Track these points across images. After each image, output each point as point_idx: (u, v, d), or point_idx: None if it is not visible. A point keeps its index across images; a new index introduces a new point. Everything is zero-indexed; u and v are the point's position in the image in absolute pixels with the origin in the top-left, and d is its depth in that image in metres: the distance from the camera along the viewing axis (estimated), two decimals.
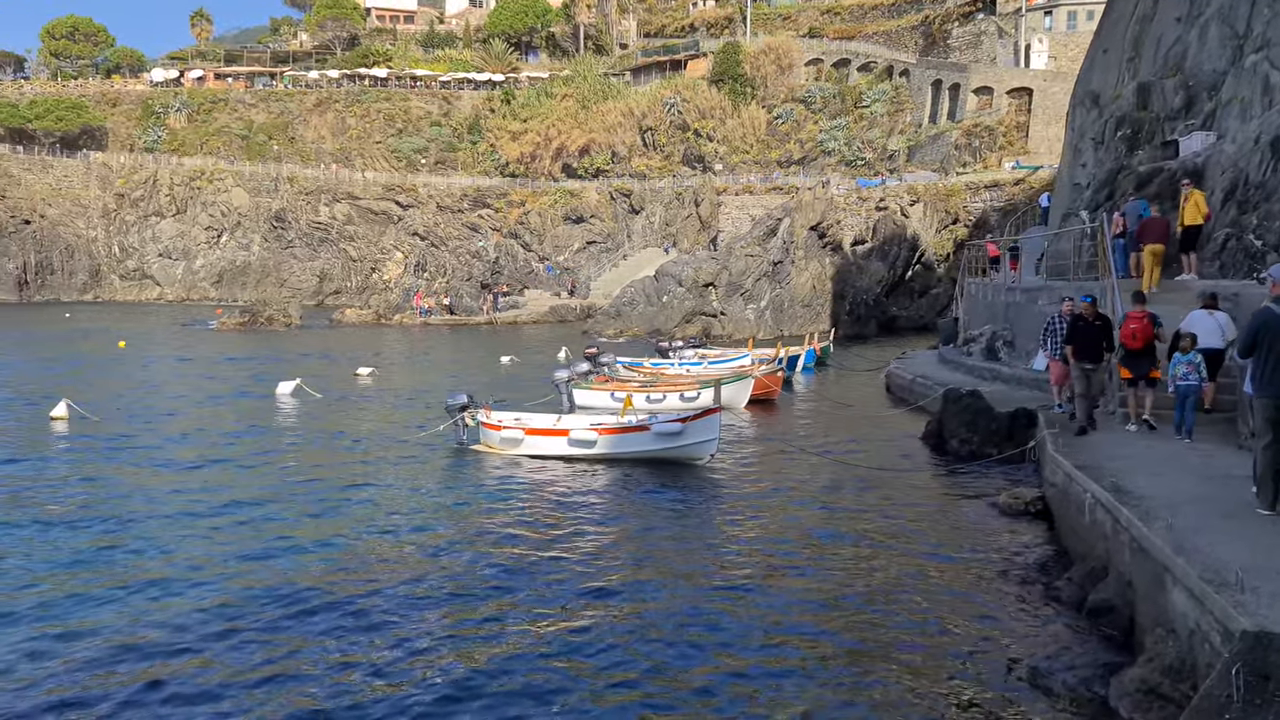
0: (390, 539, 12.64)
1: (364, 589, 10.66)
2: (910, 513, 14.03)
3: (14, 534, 12.62)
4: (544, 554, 12.02)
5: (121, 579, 10.93)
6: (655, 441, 16.76)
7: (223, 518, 13.50)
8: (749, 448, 19.38)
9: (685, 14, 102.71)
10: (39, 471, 16.33)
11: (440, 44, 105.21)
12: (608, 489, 15.52)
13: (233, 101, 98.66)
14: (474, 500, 14.73)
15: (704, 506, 14.49)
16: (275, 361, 35.75)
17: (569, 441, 16.94)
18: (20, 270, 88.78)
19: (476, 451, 17.91)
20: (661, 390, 24.04)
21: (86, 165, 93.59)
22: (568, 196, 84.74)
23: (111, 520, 13.28)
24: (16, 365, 33.39)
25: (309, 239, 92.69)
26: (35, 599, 10.23)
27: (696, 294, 48.25)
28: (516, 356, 36.64)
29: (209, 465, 16.91)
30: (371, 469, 16.76)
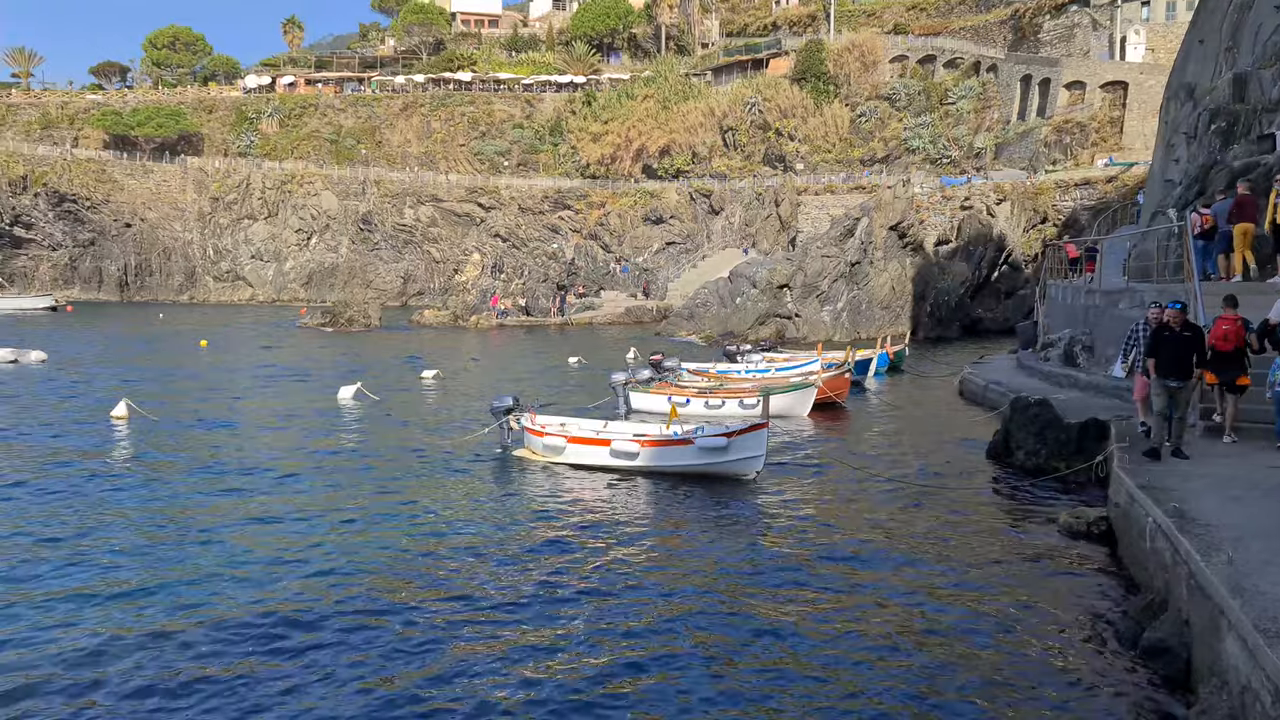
0: (414, 547, 12.35)
1: (393, 597, 10.38)
2: (964, 533, 13.22)
3: (53, 534, 12.67)
4: (570, 572, 11.59)
5: (160, 579, 10.88)
6: (698, 456, 16.17)
7: (252, 525, 13.38)
8: (803, 459, 18.64)
9: (768, 12, 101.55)
10: (89, 473, 16.50)
11: (524, 47, 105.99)
12: (645, 503, 15.00)
13: (322, 106, 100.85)
14: (509, 510, 14.37)
15: (745, 527, 13.83)
16: (346, 362, 36.13)
17: (610, 452, 16.46)
18: (121, 271, 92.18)
19: (519, 457, 17.55)
20: (721, 396, 23.44)
21: (184, 170, 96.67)
22: (647, 197, 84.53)
23: (154, 521, 13.27)
24: (96, 364, 34.31)
25: (394, 241, 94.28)
26: (74, 600, 10.18)
27: (771, 295, 47.39)
28: (584, 358, 36.37)
29: (255, 470, 16.90)
30: (412, 474, 16.55)
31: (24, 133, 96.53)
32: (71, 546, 12.31)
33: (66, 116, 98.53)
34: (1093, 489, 15.13)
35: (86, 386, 27.60)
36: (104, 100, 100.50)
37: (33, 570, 11.35)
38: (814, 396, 23.59)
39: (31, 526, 13.14)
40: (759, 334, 45.88)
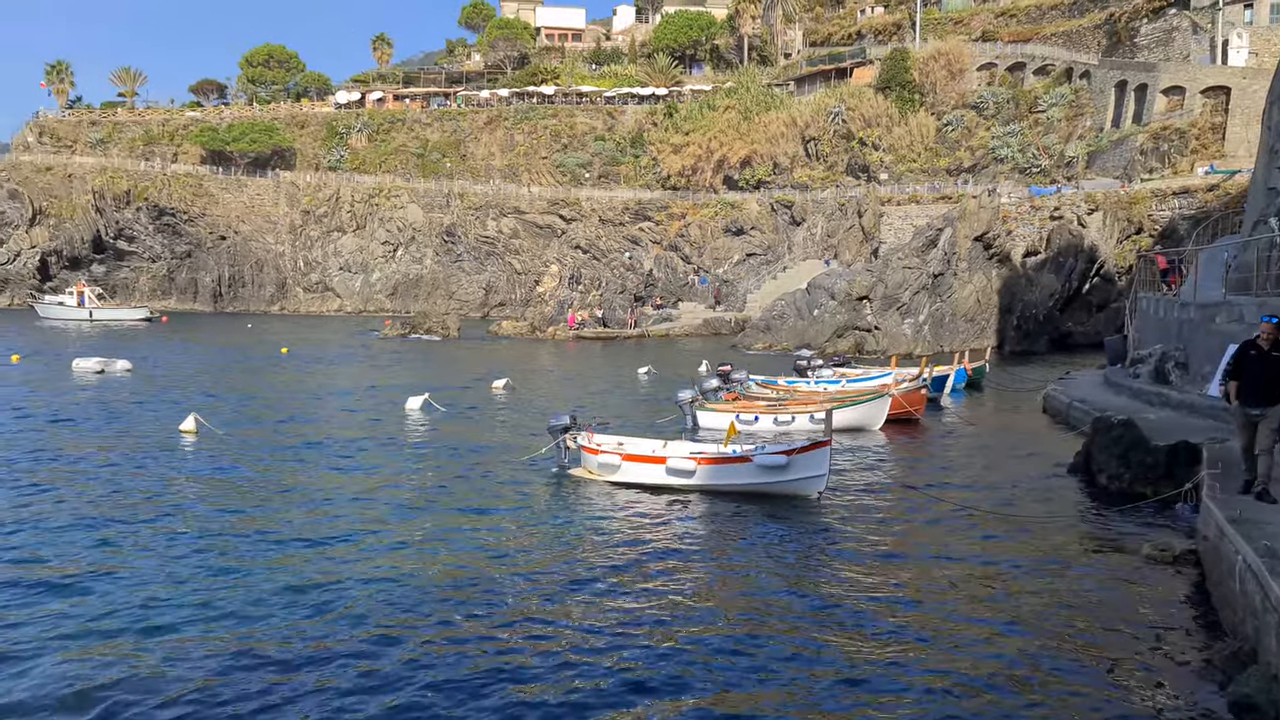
0: (460, 568, 12.03)
1: (436, 620, 10.07)
2: (1038, 563, 12.40)
3: (118, 545, 12.70)
4: (616, 596, 11.14)
5: (215, 594, 10.76)
6: (757, 475, 15.57)
7: (303, 541, 13.23)
8: (871, 479, 17.89)
9: (852, 21, 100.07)
10: (154, 487, 16.63)
11: (606, 60, 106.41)
12: (700, 524, 14.47)
13: (409, 121, 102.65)
14: (558, 531, 13.98)
15: (805, 551, 13.18)
16: (419, 373, 36.35)
17: (666, 470, 15.95)
18: (215, 283, 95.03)
19: (576, 476, 17.16)
20: (790, 411, 22.79)
21: (276, 184, 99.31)
22: (728, 208, 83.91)
23: (211, 534, 13.23)
24: (177, 374, 35.09)
25: (476, 252, 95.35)
26: (135, 611, 10.11)
27: (849, 307, 46.38)
28: (654, 370, 35.95)
29: (312, 485, 16.86)
30: (468, 491, 16.30)
31: (128, 149, 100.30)
32: (127, 558, 12.29)
33: (167, 133, 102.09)
34: (1182, 517, 14.12)
35: (162, 397, 28.16)
36: (202, 117, 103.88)
37: (90, 585, 11.33)
38: (887, 409, 22.77)
39: (84, 537, 13.19)
40: (837, 347, 44.94)
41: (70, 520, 13.96)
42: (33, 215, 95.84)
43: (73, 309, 75.55)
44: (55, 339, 53.35)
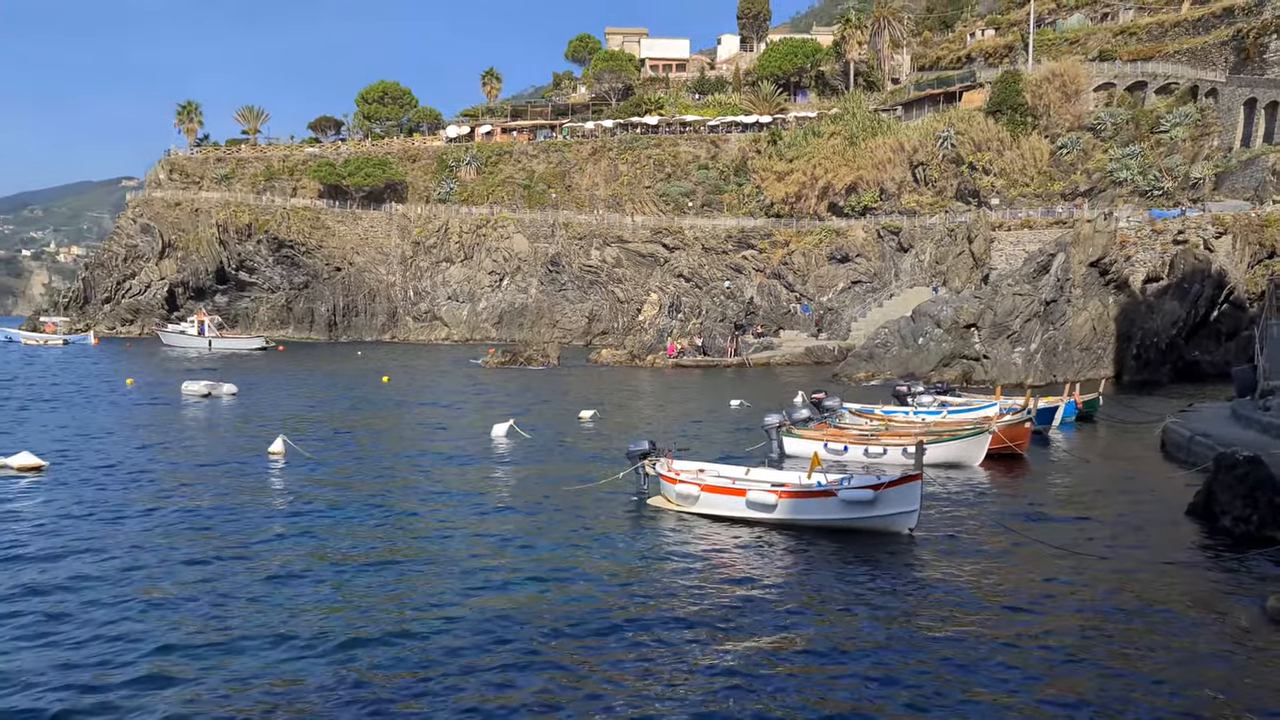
0: (527, 600, 11.61)
1: (503, 651, 9.67)
2: (1152, 613, 11.31)
3: (202, 565, 12.71)
4: (680, 639, 10.54)
5: (295, 611, 10.60)
6: (841, 510, 14.74)
7: (375, 567, 13.02)
8: (968, 517, 16.81)
9: (962, 45, 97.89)
10: (234, 508, 16.73)
11: (710, 89, 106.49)
12: (779, 563, 13.70)
13: (516, 153, 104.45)
14: (628, 564, 13.43)
15: (892, 597, 12.31)
16: (513, 400, 36.37)
17: (746, 502, 15.24)
18: (330, 312, 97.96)
19: (654, 506, 16.59)
20: (883, 442, 21.79)
21: (389, 216, 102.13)
22: (833, 235, 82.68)
23: (290, 553, 13.14)
24: (280, 399, 35.87)
25: (580, 281, 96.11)
26: (233, 633, 10.03)
27: (956, 336, 44.77)
28: (747, 400, 35.18)
29: (391, 511, 16.72)
30: (543, 520, 15.89)
31: (250, 184, 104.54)
32: (200, 577, 12.26)
33: (287, 169, 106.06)
34: None
35: (261, 419, 28.71)
36: (320, 153, 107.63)
37: (174, 604, 11.30)
38: (987, 444, 21.58)
39: (160, 559, 13.23)
40: (943, 376, 43.35)
41: (137, 537, 14.06)
42: (162, 248, 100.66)
43: (193, 337, 78.75)
44: (173, 364, 55.49)
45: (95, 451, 22.26)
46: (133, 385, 39.09)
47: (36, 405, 32.51)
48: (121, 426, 27.02)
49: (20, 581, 12.10)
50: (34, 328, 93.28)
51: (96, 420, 28.34)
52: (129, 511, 16.01)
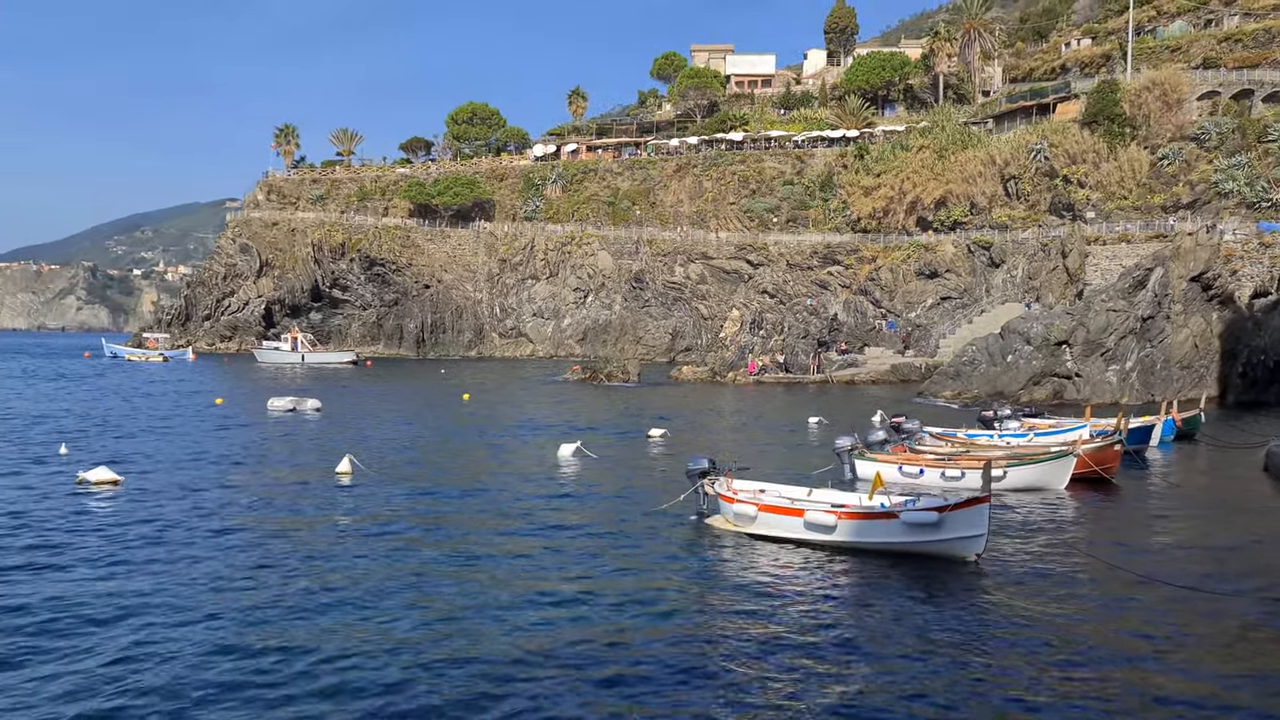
0: (575, 625, 11.32)
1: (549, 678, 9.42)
2: (1245, 661, 10.44)
3: (246, 590, 12.77)
4: (726, 667, 10.11)
5: (343, 640, 10.53)
6: (903, 532, 14.09)
7: (431, 589, 12.89)
8: (1043, 542, 15.95)
9: (1056, 55, 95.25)
10: (298, 529, 16.84)
11: (796, 104, 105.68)
12: (836, 587, 13.12)
13: (601, 171, 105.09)
14: (682, 586, 13.03)
15: (958, 625, 11.68)
16: (588, 417, 36.25)
17: (805, 523, 14.70)
18: (419, 329, 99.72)
19: (712, 526, 16.15)
20: (960, 466, 20.94)
21: (476, 235, 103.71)
22: (921, 250, 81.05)
23: (341, 574, 13.13)
24: (359, 415, 36.38)
25: (664, 298, 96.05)
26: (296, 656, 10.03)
27: (1047, 353, 43.23)
28: (825, 418, 34.41)
29: (449, 531, 16.64)
30: (600, 541, 15.59)
31: (344, 204, 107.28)
32: (253, 605, 12.29)
33: (379, 189, 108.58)
34: None
35: (337, 436, 29.09)
36: (410, 173, 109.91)
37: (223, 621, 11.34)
38: (1072, 468, 20.57)
39: (214, 575, 13.32)
40: (1033, 395, 41.96)
41: (194, 553, 14.20)
42: (260, 267, 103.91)
43: (287, 353, 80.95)
44: (266, 380, 56.96)
45: (172, 467, 22.75)
46: (222, 404, 40.06)
47: (125, 420, 33.54)
48: (202, 442, 27.65)
49: (71, 591, 12.28)
50: (138, 344, 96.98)
51: (179, 436, 29.07)
52: (191, 528, 16.23)
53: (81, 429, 30.23)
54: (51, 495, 18.83)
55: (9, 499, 18.37)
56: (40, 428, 30.43)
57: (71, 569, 13.43)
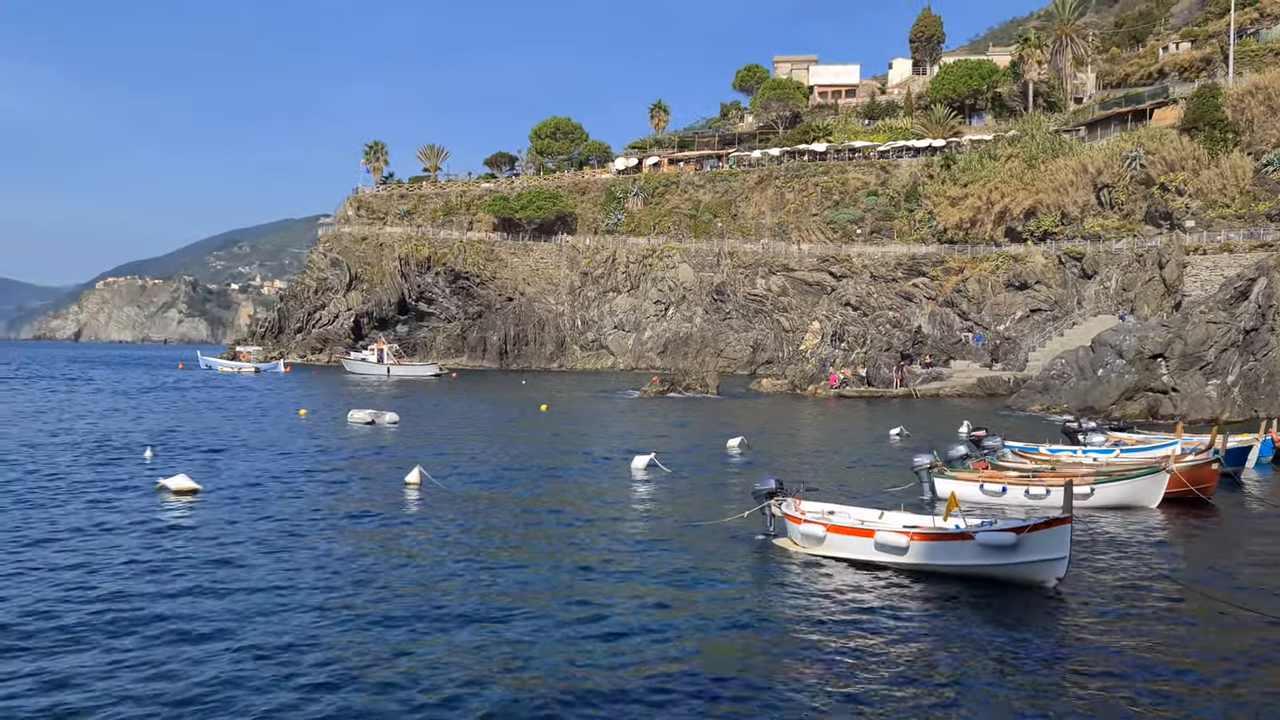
0: (633, 641, 11.11)
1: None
2: None
3: (309, 605, 12.87)
4: (784, 696, 9.78)
5: (409, 651, 10.55)
6: (979, 555, 13.50)
7: (493, 602, 12.81)
8: (1130, 568, 15.15)
9: (1153, 60, 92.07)
10: (365, 542, 16.96)
11: (880, 114, 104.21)
12: (905, 613, 12.61)
13: (683, 184, 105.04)
14: (747, 608, 12.70)
15: (1038, 653, 11.12)
16: (664, 430, 36.03)
17: (875, 544, 14.21)
18: (502, 341, 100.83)
19: (780, 547, 15.75)
20: (1044, 483, 20.15)
21: (558, 248, 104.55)
22: (1010, 262, 79.10)
23: (404, 585, 13.15)
24: (438, 427, 36.76)
25: (745, 310, 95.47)
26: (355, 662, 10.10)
27: (1140, 367, 41.61)
28: (906, 431, 33.59)
29: (513, 543, 16.59)
30: (666, 560, 15.32)
31: (430, 219, 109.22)
32: (317, 617, 12.37)
33: (464, 203, 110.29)
34: None
35: (412, 447, 29.39)
36: (494, 188, 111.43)
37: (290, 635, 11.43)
38: (1164, 485, 19.63)
39: (279, 585, 13.45)
40: (1125, 410, 40.40)
41: (263, 560, 14.36)
42: (349, 281, 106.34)
43: (373, 364, 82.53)
44: (351, 391, 58.09)
45: (249, 476, 23.22)
46: (305, 416, 40.88)
47: (210, 431, 34.45)
48: (282, 452, 28.19)
49: (139, 595, 12.51)
50: (232, 356, 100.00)
51: (260, 446, 29.71)
52: (258, 537, 16.46)
53: (167, 439, 31.13)
54: (131, 501, 19.35)
55: (91, 503, 18.92)
56: (130, 436, 31.43)
57: (139, 573, 13.70)
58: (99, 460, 25.37)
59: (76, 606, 12.16)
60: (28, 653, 10.48)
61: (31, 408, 43.68)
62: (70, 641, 10.87)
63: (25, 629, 11.25)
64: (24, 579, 13.40)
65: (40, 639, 10.92)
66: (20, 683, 9.61)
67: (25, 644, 10.75)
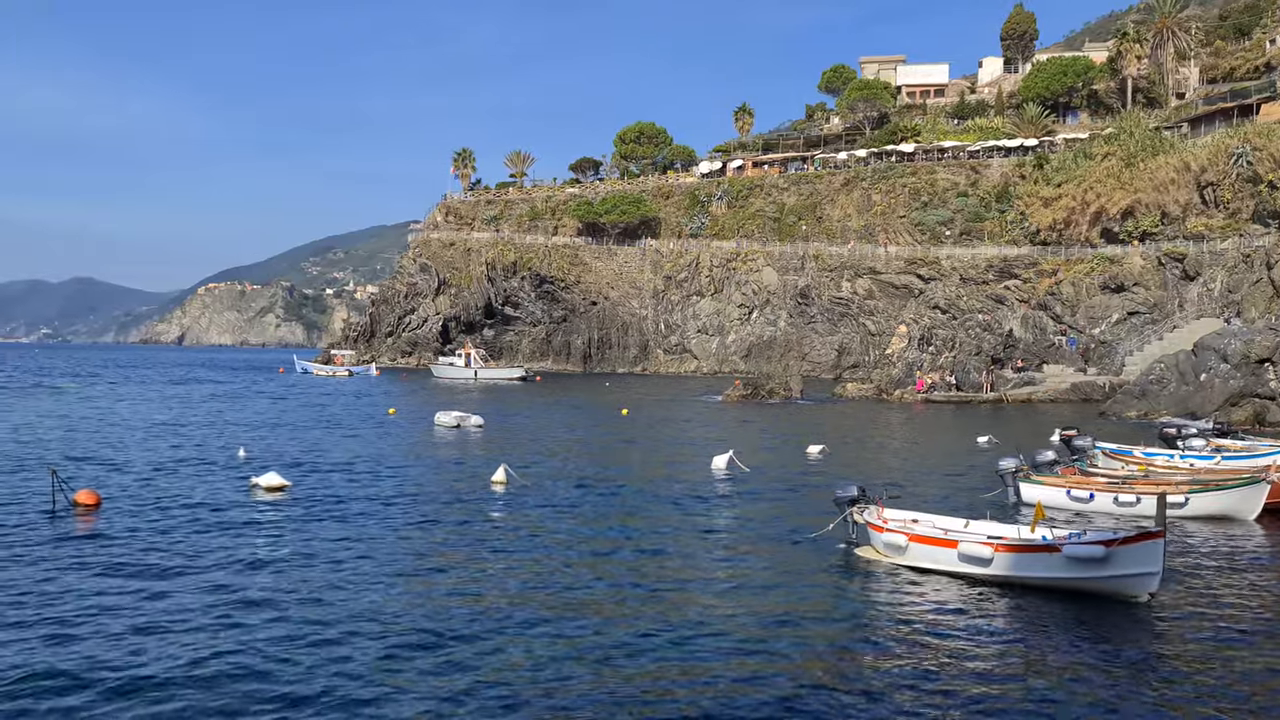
0: (704, 649, 11.04)
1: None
2: None
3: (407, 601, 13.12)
4: (879, 702, 9.62)
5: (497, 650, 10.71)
6: (1067, 568, 13.03)
7: (571, 606, 12.87)
8: (1227, 584, 14.46)
9: (1260, 53, 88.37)
10: (451, 541, 17.21)
11: (970, 114, 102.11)
12: (988, 628, 12.25)
13: (767, 186, 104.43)
14: (830, 613, 12.51)
15: (1130, 673, 10.69)
16: (747, 433, 35.83)
17: (958, 555, 13.83)
18: (586, 345, 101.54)
19: (862, 556, 15.48)
20: (1136, 490, 19.45)
21: (642, 252, 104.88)
22: (1106, 263, 76.62)
23: (483, 584, 13.31)
24: (522, 429, 37.13)
25: (830, 314, 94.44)
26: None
27: (1247, 372, 39.95)
28: (997, 438, 32.78)
29: (597, 549, 16.62)
30: (741, 564, 15.21)
31: (516, 225, 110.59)
32: (411, 615, 12.59)
33: (549, 209, 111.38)
34: None
35: (497, 449, 29.74)
36: (579, 192, 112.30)
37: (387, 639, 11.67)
38: (1264, 497, 18.77)
39: (362, 581, 13.71)
40: (1230, 417, 38.77)
41: (346, 555, 14.66)
42: (438, 286, 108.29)
43: (461, 368, 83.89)
44: (439, 394, 59.13)
45: (338, 474, 23.79)
46: (394, 414, 41.78)
47: (303, 431, 35.40)
48: (370, 452, 28.83)
49: (234, 589, 12.88)
50: (326, 360, 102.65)
51: (349, 446, 30.41)
52: (342, 534, 16.81)
53: (262, 437, 32.09)
54: (224, 497, 20.00)
55: (185, 499, 19.60)
56: (227, 435, 32.51)
57: (227, 567, 14.12)
58: (195, 460, 26.25)
59: (177, 598, 12.57)
60: (150, 635, 10.88)
61: (149, 407, 45.48)
62: (179, 625, 11.23)
63: (130, 619, 11.66)
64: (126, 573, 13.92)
65: (155, 623, 11.31)
66: (157, 661, 9.96)
67: (143, 628, 11.15)
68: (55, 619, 11.69)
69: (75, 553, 15.02)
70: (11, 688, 9.49)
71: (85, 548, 15.38)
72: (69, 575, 13.71)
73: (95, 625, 11.51)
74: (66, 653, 10.52)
